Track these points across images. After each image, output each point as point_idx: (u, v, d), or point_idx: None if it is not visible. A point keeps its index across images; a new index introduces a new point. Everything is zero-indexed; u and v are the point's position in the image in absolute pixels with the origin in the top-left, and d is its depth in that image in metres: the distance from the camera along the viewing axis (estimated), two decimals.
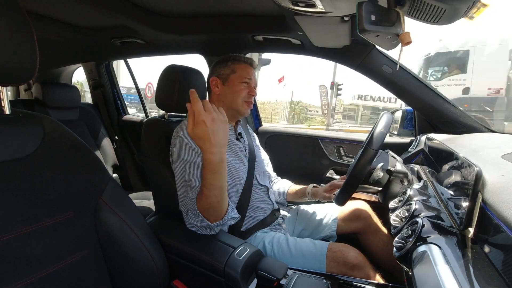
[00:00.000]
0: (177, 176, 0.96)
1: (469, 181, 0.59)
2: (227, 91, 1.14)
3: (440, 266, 0.49)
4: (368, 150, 0.90)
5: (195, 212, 0.87)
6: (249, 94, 1.14)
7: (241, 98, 1.13)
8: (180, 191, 0.95)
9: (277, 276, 0.78)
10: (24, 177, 0.62)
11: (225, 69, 1.15)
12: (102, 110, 2.41)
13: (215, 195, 0.83)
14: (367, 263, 0.97)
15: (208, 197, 0.83)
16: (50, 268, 0.63)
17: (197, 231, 0.90)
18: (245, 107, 1.15)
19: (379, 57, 1.29)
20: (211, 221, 0.87)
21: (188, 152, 0.96)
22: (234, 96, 1.13)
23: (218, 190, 0.83)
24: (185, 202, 0.91)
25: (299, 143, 1.80)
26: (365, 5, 0.66)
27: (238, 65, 1.14)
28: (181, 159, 0.95)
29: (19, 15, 0.59)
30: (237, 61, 1.15)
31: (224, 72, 1.15)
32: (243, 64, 1.15)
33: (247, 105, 1.15)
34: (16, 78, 0.62)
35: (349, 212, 1.22)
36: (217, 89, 1.15)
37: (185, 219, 0.91)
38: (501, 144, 0.91)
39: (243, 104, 1.14)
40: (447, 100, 1.29)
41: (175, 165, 0.97)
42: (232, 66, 1.14)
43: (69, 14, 1.43)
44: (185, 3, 1.22)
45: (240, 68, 1.14)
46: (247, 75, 1.13)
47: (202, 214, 0.86)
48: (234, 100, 1.13)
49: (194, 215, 0.87)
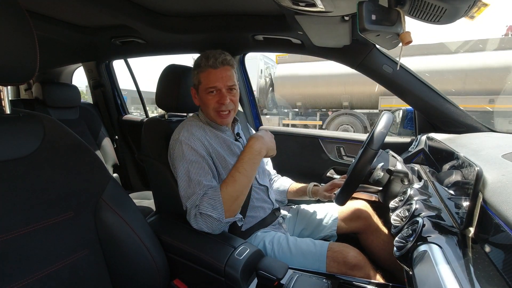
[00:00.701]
0: (180, 176, 0.96)
1: (470, 181, 0.59)
2: (200, 102, 1.09)
3: (441, 266, 0.49)
4: (368, 150, 0.90)
5: (214, 202, 0.89)
6: (218, 104, 1.03)
7: (212, 109, 1.04)
8: (184, 191, 0.95)
9: (277, 276, 0.78)
10: (24, 176, 0.62)
11: (194, 79, 1.08)
12: (102, 109, 2.41)
13: (244, 182, 0.94)
14: (367, 262, 0.97)
15: (237, 182, 0.93)
16: (51, 267, 0.63)
17: (202, 229, 0.91)
18: (218, 119, 1.06)
19: (379, 56, 1.28)
20: (226, 216, 0.90)
21: (190, 153, 0.96)
22: (205, 108, 1.06)
23: (248, 179, 0.96)
24: (193, 199, 0.92)
25: (299, 143, 1.80)
26: (366, 4, 0.66)
27: (201, 74, 1.04)
28: (184, 159, 0.96)
29: (19, 15, 0.59)
30: (199, 68, 1.04)
31: (194, 81, 1.08)
32: (205, 70, 1.03)
33: (219, 115, 1.05)
34: (17, 77, 0.62)
35: (350, 212, 1.22)
36: (196, 100, 1.11)
37: (191, 217, 0.92)
38: (501, 143, 0.91)
39: (215, 115, 1.05)
40: (448, 99, 1.29)
41: (177, 166, 0.97)
42: (197, 75, 1.05)
43: (69, 14, 1.43)
44: (185, 2, 1.22)
45: (203, 77, 1.03)
46: (211, 82, 1.02)
47: (224, 204, 0.90)
48: (207, 111, 1.07)
49: (211, 205, 0.89)
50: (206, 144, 1.01)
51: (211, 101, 1.03)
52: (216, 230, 0.92)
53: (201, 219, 0.90)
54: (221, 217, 0.90)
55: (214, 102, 1.03)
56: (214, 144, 1.05)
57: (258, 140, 1.01)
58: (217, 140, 1.08)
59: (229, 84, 1.04)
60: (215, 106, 1.04)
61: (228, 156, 1.07)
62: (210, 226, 0.90)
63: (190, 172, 0.94)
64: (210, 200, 0.90)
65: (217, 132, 1.10)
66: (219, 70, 1.02)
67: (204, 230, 0.91)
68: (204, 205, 0.89)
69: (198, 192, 0.92)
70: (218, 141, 1.08)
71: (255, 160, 0.98)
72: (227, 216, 0.91)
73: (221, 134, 1.11)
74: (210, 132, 1.08)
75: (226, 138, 1.11)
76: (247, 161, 0.96)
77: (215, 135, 1.09)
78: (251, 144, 1.00)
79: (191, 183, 0.94)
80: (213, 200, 0.90)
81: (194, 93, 1.11)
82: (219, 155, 1.04)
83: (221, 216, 0.89)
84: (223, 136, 1.11)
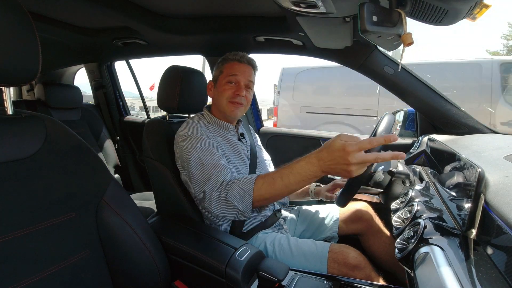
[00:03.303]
0: (193, 165, 0.94)
1: (472, 182, 0.58)
2: (215, 92, 1.12)
3: (442, 268, 0.49)
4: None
5: (244, 193, 0.83)
6: (234, 94, 1.07)
7: (225, 98, 1.07)
8: (199, 177, 0.92)
9: (278, 277, 0.78)
10: (26, 177, 0.63)
11: (216, 71, 1.13)
12: (104, 110, 2.41)
13: (279, 191, 0.81)
14: (368, 264, 0.96)
15: (273, 187, 0.81)
16: (52, 268, 0.63)
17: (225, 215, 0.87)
18: (229, 108, 1.08)
19: (380, 58, 1.28)
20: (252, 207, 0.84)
21: (199, 142, 0.96)
22: (219, 97, 1.09)
23: (286, 190, 0.81)
24: (211, 182, 0.88)
25: (300, 144, 1.80)
26: (367, 5, 0.66)
27: (225, 64, 1.10)
28: (194, 149, 0.95)
29: (22, 17, 0.59)
30: (225, 60, 1.11)
31: (216, 73, 1.13)
32: (230, 62, 1.09)
33: (232, 105, 1.07)
34: (19, 78, 0.62)
35: (351, 213, 1.21)
36: (210, 92, 1.15)
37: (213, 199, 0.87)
38: (503, 145, 0.91)
39: (227, 104, 1.08)
40: (449, 101, 1.28)
41: (188, 157, 0.96)
42: (221, 66, 1.11)
43: (72, 15, 1.44)
44: (186, 4, 1.23)
45: (227, 67, 1.09)
46: (232, 71, 1.07)
47: (254, 198, 0.83)
48: (220, 101, 1.09)
49: (241, 195, 0.83)
50: (211, 139, 1.02)
51: (228, 90, 1.07)
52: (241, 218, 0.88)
53: (226, 206, 0.86)
54: (247, 210, 0.84)
55: (231, 92, 1.07)
56: (218, 142, 1.05)
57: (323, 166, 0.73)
58: (221, 139, 1.08)
59: (249, 78, 1.09)
60: (229, 95, 1.07)
61: (231, 155, 1.07)
62: (233, 215, 0.87)
63: (202, 159, 0.93)
64: (241, 190, 0.84)
65: (221, 131, 1.11)
66: (243, 65, 1.09)
67: (229, 217, 0.87)
68: (233, 192, 0.84)
69: (216, 173, 0.89)
70: (222, 140, 1.08)
71: (306, 179, 0.77)
72: (254, 207, 0.85)
73: (226, 133, 1.12)
74: (214, 131, 1.08)
75: (230, 138, 1.11)
76: (296, 175, 0.77)
77: (219, 134, 1.09)
78: (318, 168, 0.74)
79: (205, 168, 0.92)
80: (244, 191, 0.84)
81: (211, 86, 1.14)
82: (223, 152, 1.04)
83: (247, 209, 0.84)
84: (227, 135, 1.11)
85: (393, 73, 1.28)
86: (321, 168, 0.73)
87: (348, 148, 0.67)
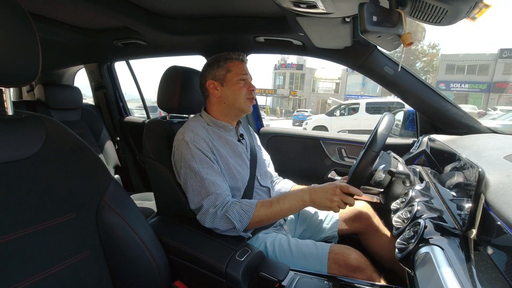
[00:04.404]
0: (190, 176, 0.97)
1: (472, 182, 0.58)
2: (227, 91, 1.11)
3: (443, 268, 0.49)
4: (369, 153, 0.90)
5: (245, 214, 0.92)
6: (249, 90, 1.11)
7: (243, 96, 1.10)
8: (197, 190, 0.96)
9: (278, 277, 0.78)
10: (26, 178, 0.63)
11: (220, 70, 1.11)
12: (104, 111, 2.41)
13: (275, 214, 0.93)
14: (368, 265, 0.96)
15: (271, 209, 0.93)
16: (52, 268, 0.63)
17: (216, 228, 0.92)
18: (248, 104, 1.12)
19: (380, 58, 1.28)
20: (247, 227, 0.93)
21: (198, 153, 0.97)
22: (235, 95, 1.10)
23: (280, 213, 0.94)
24: (211, 198, 0.94)
25: (300, 144, 1.80)
26: (367, 6, 0.66)
27: (231, 63, 1.11)
28: (193, 160, 0.97)
29: (22, 17, 0.59)
30: (229, 59, 1.12)
31: (219, 73, 1.11)
32: (235, 61, 1.11)
33: (249, 101, 1.12)
34: (19, 79, 0.62)
35: (350, 212, 1.21)
36: (216, 92, 1.12)
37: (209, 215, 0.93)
38: (503, 145, 0.91)
39: (246, 101, 1.11)
40: (449, 101, 1.28)
41: (185, 166, 0.97)
42: (225, 65, 1.11)
43: (72, 16, 1.44)
44: (186, 4, 1.23)
45: (234, 66, 1.11)
46: (242, 71, 1.10)
47: (252, 219, 0.92)
48: (236, 99, 1.10)
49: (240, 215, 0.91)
50: (210, 145, 1.02)
51: (243, 88, 1.10)
52: (230, 233, 0.94)
53: (221, 220, 0.92)
54: (241, 230, 0.93)
55: (246, 89, 1.11)
56: (217, 145, 1.05)
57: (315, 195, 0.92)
58: (220, 140, 1.08)
59: (251, 77, 1.16)
60: (246, 93, 1.10)
61: (230, 157, 1.07)
62: (225, 229, 0.92)
63: (202, 172, 0.95)
64: (242, 211, 0.92)
65: (220, 132, 1.11)
66: (245, 65, 1.14)
67: (217, 228, 0.92)
68: (234, 212, 0.91)
69: (215, 191, 0.94)
70: (221, 142, 1.08)
71: (297, 205, 0.94)
72: (246, 228, 0.94)
73: (225, 134, 1.12)
74: (213, 133, 1.08)
75: (229, 139, 1.11)
76: (290, 200, 0.94)
77: (218, 136, 1.09)
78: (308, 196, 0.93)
79: (205, 183, 0.94)
80: (244, 212, 0.92)
81: (214, 85, 1.11)
82: (221, 156, 1.04)
83: (241, 227, 0.92)
84: (227, 136, 1.11)
85: (393, 73, 1.28)
86: (311, 196, 0.92)
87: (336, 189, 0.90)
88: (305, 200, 0.93)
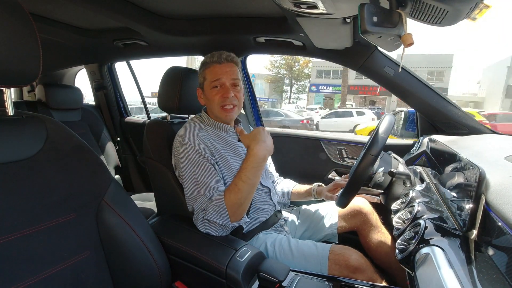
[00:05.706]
0: (186, 178, 0.96)
1: (472, 183, 0.58)
2: (206, 100, 1.10)
3: (443, 269, 0.49)
4: (368, 155, 0.90)
5: (219, 209, 0.90)
6: (222, 97, 1.04)
7: (216, 105, 1.05)
8: (190, 193, 0.96)
9: (278, 278, 0.78)
10: (27, 178, 0.63)
11: (200, 78, 1.10)
12: (105, 111, 2.41)
13: (247, 190, 0.92)
14: (369, 266, 0.96)
15: (240, 191, 0.91)
16: (53, 269, 0.63)
17: (210, 233, 0.93)
18: (222, 114, 1.06)
19: (381, 58, 1.28)
20: (232, 220, 0.92)
21: (195, 155, 0.97)
22: (210, 104, 1.07)
23: (251, 186, 0.94)
24: (200, 201, 0.93)
25: (301, 145, 1.80)
26: (367, 6, 0.66)
27: (207, 70, 1.06)
28: (190, 162, 0.96)
29: (22, 17, 0.59)
30: (205, 65, 1.07)
31: (200, 81, 1.10)
32: (211, 66, 1.06)
33: (223, 110, 1.05)
34: (20, 79, 0.62)
35: (349, 208, 1.21)
36: (201, 100, 1.12)
37: (199, 219, 0.93)
38: (504, 145, 0.91)
39: (220, 110, 1.05)
40: (450, 101, 1.28)
41: (183, 168, 0.97)
42: (203, 73, 1.08)
43: (72, 16, 1.45)
44: (187, 5, 1.23)
45: (209, 72, 1.06)
46: (214, 77, 1.04)
47: (228, 210, 0.90)
48: (212, 108, 1.07)
49: (216, 212, 0.90)
50: (209, 145, 1.02)
51: (216, 96, 1.04)
52: (222, 233, 0.94)
53: (208, 224, 0.93)
54: (227, 223, 0.92)
55: (219, 97, 1.04)
56: (217, 146, 1.05)
57: (261, 147, 0.97)
58: (220, 141, 1.08)
59: (233, 77, 1.05)
60: (219, 101, 1.04)
61: (231, 157, 1.07)
62: (217, 230, 0.93)
63: (197, 175, 0.95)
64: (215, 207, 0.91)
65: (220, 132, 1.10)
66: (223, 65, 1.05)
67: (212, 234, 0.93)
68: (210, 212, 0.91)
69: (205, 194, 0.93)
70: (221, 142, 1.08)
71: (259, 167, 0.96)
72: (232, 220, 0.92)
73: (224, 134, 1.11)
74: (213, 133, 1.08)
75: (229, 139, 1.11)
76: (250, 170, 0.94)
77: (218, 136, 1.09)
78: (255, 152, 0.95)
79: (198, 185, 0.94)
80: (218, 207, 0.91)
81: (200, 93, 1.12)
82: (221, 157, 1.04)
83: (226, 221, 0.91)
84: (226, 136, 1.11)
85: (393, 73, 1.28)
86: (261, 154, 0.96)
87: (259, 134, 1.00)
88: (262, 159, 0.96)
